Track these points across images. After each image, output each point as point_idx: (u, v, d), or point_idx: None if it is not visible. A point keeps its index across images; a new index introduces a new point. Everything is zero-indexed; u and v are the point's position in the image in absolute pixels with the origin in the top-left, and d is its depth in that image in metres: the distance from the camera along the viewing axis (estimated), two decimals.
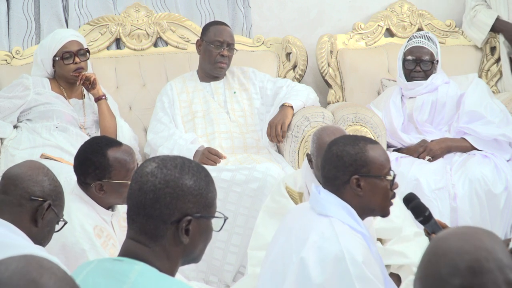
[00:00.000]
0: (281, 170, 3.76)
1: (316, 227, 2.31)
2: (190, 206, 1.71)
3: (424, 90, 4.15)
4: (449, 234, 1.37)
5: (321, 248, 2.26)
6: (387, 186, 2.35)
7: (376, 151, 2.36)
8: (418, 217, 2.33)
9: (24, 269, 1.21)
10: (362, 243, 2.28)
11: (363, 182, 2.33)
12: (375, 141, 2.42)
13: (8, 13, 4.35)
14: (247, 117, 4.17)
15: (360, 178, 2.32)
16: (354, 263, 2.22)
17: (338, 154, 2.34)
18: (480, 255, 1.31)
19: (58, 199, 2.29)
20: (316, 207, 2.36)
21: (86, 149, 2.74)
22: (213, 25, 4.22)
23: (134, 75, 4.45)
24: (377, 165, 2.34)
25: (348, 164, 2.32)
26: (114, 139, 2.83)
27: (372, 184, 2.33)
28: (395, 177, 2.38)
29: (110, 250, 2.63)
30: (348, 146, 2.35)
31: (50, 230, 2.29)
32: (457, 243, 1.33)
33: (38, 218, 2.22)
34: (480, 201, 3.79)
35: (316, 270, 2.25)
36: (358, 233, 2.30)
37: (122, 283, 1.63)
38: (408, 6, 4.86)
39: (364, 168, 2.32)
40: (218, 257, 3.70)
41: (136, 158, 2.80)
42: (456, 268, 1.30)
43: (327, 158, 2.37)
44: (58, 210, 2.28)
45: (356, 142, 2.36)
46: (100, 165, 2.67)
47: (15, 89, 3.94)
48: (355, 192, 2.33)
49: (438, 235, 1.39)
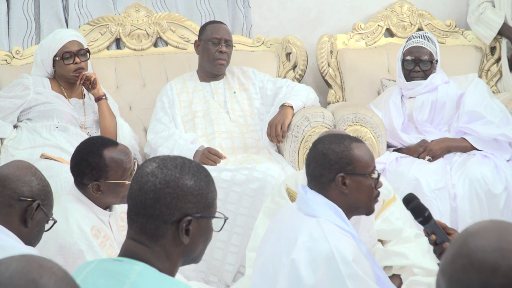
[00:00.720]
0: (281, 170, 3.76)
1: (304, 228, 2.32)
2: (190, 206, 1.71)
3: (423, 90, 4.15)
4: (481, 231, 1.31)
5: (310, 248, 2.27)
6: (372, 184, 2.39)
7: (361, 150, 2.39)
8: (418, 218, 2.33)
9: (24, 269, 1.21)
10: (351, 242, 2.30)
11: (349, 180, 2.36)
12: (360, 140, 2.46)
13: (8, 13, 4.35)
14: (247, 117, 4.17)
15: (346, 176, 2.36)
16: (345, 262, 2.23)
17: (324, 152, 2.37)
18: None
19: (47, 198, 2.27)
20: (303, 208, 2.38)
21: (82, 150, 2.73)
22: (209, 24, 4.24)
23: (134, 75, 4.45)
24: (362, 163, 2.37)
25: (334, 162, 2.36)
26: (110, 139, 2.83)
27: (357, 182, 2.37)
28: (380, 175, 2.41)
29: (108, 251, 2.63)
30: (333, 144, 2.38)
31: (40, 230, 2.28)
32: (491, 241, 1.28)
33: (27, 219, 2.21)
34: (480, 201, 3.79)
35: (307, 271, 2.26)
36: (346, 232, 2.31)
37: (122, 283, 1.63)
38: (408, 6, 4.86)
39: (349, 166, 2.36)
40: (218, 257, 3.70)
41: (132, 158, 2.79)
42: (497, 268, 1.24)
43: (313, 156, 2.40)
44: (47, 209, 2.27)
45: (341, 141, 2.39)
46: (97, 166, 2.66)
47: (15, 89, 3.94)
48: (340, 190, 2.36)
49: (467, 231, 1.33)
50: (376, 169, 2.42)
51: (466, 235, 1.32)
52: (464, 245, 1.30)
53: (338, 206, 2.35)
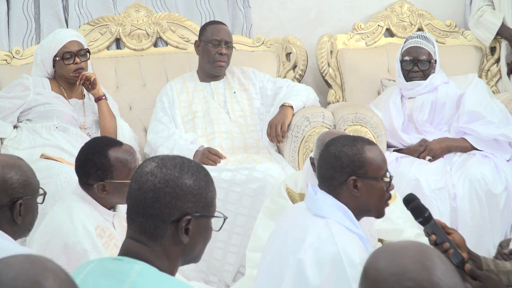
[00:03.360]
0: (281, 170, 3.76)
1: (312, 229, 2.30)
2: (190, 205, 1.71)
3: (423, 90, 4.15)
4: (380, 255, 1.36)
5: (318, 249, 2.26)
6: (384, 187, 2.36)
7: (374, 153, 2.35)
8: (418, 218, 2.33)
9: (29, 271, 1.20)
10: (359, 244, 2.28)
11: (360, 183, 2.33)
12: (373, 142, 2.42)
13: (8, 13, 4.35)
14: (247, 117, 4.17)
15: (357, 179, 2.32)
16: (351, 265, 2.21)
17: (336, 154, 2.34)
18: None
19: (28, 185, 2.22)
20: (312, 208, 2.36)
21: (87, 150, 2.73)
22: (210, 24, 4.23)
23: (134, 75, 4.45)
24: (375, 166, 2.34)
25: (346, 164, 2.32)
26: (115, 139, 2.83)
27: (369, 186, 2.33)
28: (392, 179, 2.38)
29: (112, 250, 2.63)
30: (346, 146, 2.34)
31: (33, 215, 2.26)
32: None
33: (15, 219, 2.19)
34: (480, 201, 3.79)
35: (313, 272, 2.25)
36: (354, 234, 2.30)
37: (122, 283, 1.63)
38: (408, 6, 4.86)
39: (361, 169, 2.32)
40: (218, 257, 3.70)
41: (137, 157, 2.80)
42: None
43: (325, 158, 2.37)
44: (32, 195, 2.23)
45: (354, 143, 2.35)
46: (102, 166, 2.66)
47: (15, 89, 3.94)
48: (351, 193, 2.33)
49: (371, 259, 1.38)
50: (388, 171, 2.38)
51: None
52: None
53: (349, 208, 2.32)
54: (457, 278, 1.30)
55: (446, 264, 1.32)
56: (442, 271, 1.29)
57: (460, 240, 2.29)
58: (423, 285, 1.28)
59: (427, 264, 1.30)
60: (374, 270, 1.32)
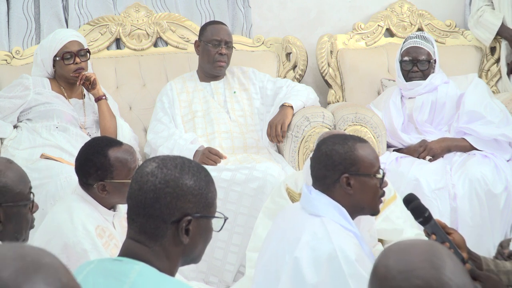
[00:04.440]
0: (281, 170, 3.76)
1: (308, 227, 2.32)
2: (190, 206, 1.71)
3: (423, 90, 4.15)
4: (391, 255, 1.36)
5: (314, 248, 2.27)
6: (377, 184, 2.38)
7: (365, 150, 2.38)
8: (418, 218, 2.33)
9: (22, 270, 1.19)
10: (354, 242, 2.30)
11: (353, 181, 2.35)
12: (365, 140, 2.44)
13: (8, 13, 4.35)
14: (247, 117, 4.17)
15: (350, 177, 2.34)
16: (347, 262, 2.23)
17: (328, 153, 2.36)
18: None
19: (7, 192, 2.09)
20: (307, 207, 2.38)
21: (87, 150, 2.73)
22: (210, 24, 4.23)
23: (134, 75, 4.45)
24: (367, 163, 2.36)
25: (338, 163, 2.34)
26: (115, 139, 2.83)
27: (361, 183, 2.35)
28: (385, 175, 2.40)
29: (112, 250, 2.63)
30: (337, 145, 2.36)
31: (18, 223, 2.13)
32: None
33: None
34: (480, 201, 3.79)
35: (310, 270, 2.26)
36: (349, 232, 2.31)
37: (122, 283, 1.63)
38: (408, 6, 4.86)
39: (353, 167, 2.34)
40: (218, 257, 3.70)
41: (137, 157, 2.80)
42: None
43: (317, 157, 2.39)
44: (14, 202, 2.10)
45: (345, 141, 2.38)
46: (102, 166, 2.66)
47: (15, 89, 3.94)
48: (345, 191, 2.35)
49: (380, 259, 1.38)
50: (381, 168, 2.40)
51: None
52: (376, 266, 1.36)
53: (343, 206, 2.34)
54: (466, 278, 1.30)
55: (456, 263, 1.32)
56: (452, 270, 1.29)
57: (460, 240, 2.30)
58: (431, 284, 1.28)
59: (436, 262, 1.30)
60: (383, 268, 1.33)
